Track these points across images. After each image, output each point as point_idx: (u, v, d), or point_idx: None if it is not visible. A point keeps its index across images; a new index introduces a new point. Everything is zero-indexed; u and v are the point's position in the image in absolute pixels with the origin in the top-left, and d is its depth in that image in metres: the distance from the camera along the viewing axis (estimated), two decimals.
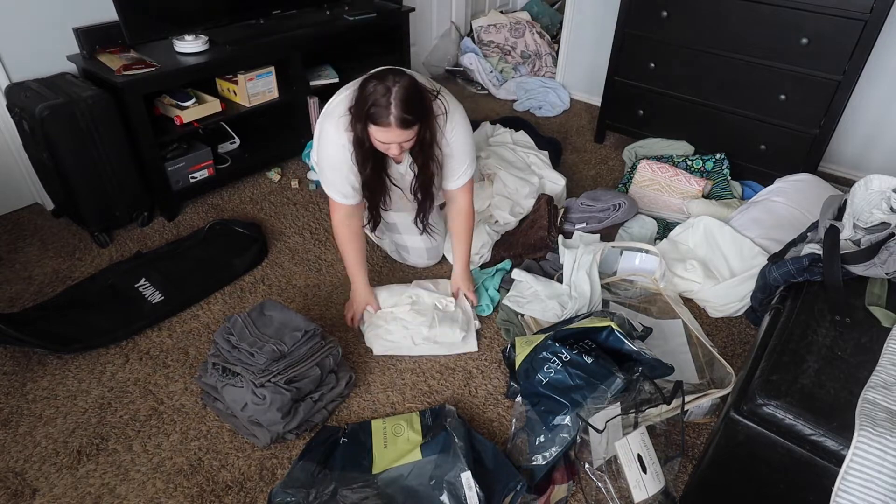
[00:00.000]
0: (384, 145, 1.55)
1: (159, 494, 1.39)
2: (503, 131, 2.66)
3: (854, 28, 2.07)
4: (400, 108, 1.45)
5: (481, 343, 1.82)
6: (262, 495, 1.39)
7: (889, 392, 1.01)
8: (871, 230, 1.34)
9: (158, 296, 1.88)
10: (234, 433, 1.52)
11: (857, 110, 2.61)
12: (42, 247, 2.13)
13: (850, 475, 0.94)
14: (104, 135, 1.98)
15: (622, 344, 1.50)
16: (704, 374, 1.66)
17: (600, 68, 2.91)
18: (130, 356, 1.73)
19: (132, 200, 2.16)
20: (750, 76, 2.37)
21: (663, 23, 2.46)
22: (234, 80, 2.35)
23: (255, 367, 1.45)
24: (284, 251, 2.17)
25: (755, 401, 1.04)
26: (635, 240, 2.10)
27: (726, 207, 2.25)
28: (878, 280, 1.28)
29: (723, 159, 2.53)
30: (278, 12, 2.53)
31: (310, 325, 1.56)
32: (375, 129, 1.50)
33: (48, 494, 1.38)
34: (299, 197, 2.47)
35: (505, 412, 1.61)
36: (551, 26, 3.97)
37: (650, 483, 1.32)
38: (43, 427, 1.53)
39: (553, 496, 1.38)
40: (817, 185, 2.17)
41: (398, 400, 1.63)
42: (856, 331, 1.16)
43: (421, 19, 3.40)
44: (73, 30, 2.12)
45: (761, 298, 1.60)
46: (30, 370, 1.67)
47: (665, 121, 2.69)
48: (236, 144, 2.60)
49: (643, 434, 1.37)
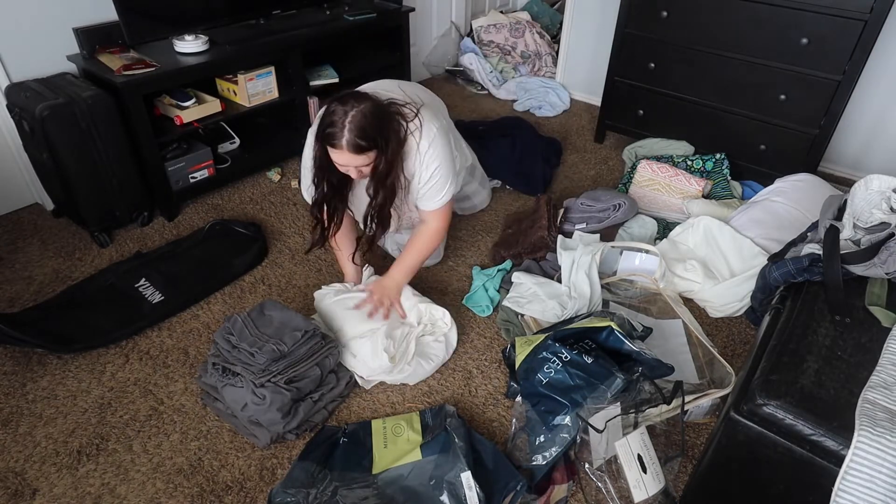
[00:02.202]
0: (342, 167, 1.55)
1: (159, 494, 1.39)
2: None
3: (854, 28, 2.07)
4: (353, 133, 1.45)
5: (481, 343, 1.82)
6: (262, 495, 1.39)
7: (889, 392, 1.01)
8: (871, 230, 1.34)
9: (158, 296, 1.88)
10: (234, 433, 1.52)
11: (857, 110, 2.61)
12: (42, 247, 2.13)
13: (850, 475, 0.94)
14: (104, 135, 1.98)
15: (622, 344, 1.50)
16: (704, 374, 1.66)
17: (600, 68, 2.91)
18: (130, 356, 1.73)
19: (132, 200, 2.16)
20: (750, 76, 2.37)
21: (663, 23, 2.46)
22: (234, 80, 2.35)
23: (255, 367, 1.46)
24: (284, 251, 2.17)
25: (755, 401, 1.04)
26: (635, 240, 2.10)
27: (726, 207, 2.25)
28: (878, 280, 1.28)
29: (723, 159, 2.53)
30: (278, 12, 2.53)
31: (310, 325, 1.56)
32: (330, 150, 1.50)
33: (48, 494, 1.38)
34: (299, 197, 2.47)
35: (505, 412, 1.61)
36: (551, 26, 3.97)
37: (650, 483, 1.32)
38: (43, 427, 1.53)
39: (553, 496, 1.38)
40: (817, 185, 2.17)
41: (398, 400, 1.63)
42: (856, 331, 1.16)
43: (421, 19, 3.40)
44: (73, 30, 2.12)
45: (761, 298, 1.60)
46: (30, 370, 1.67)
47: (665, 121, 2.69)
48: (236, 144, 2.60)
49: (643, 434, 1.37)
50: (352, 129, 1.45)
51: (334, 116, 1.46)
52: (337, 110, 1.46)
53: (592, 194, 2.26)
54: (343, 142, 1.46)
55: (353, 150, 1.47)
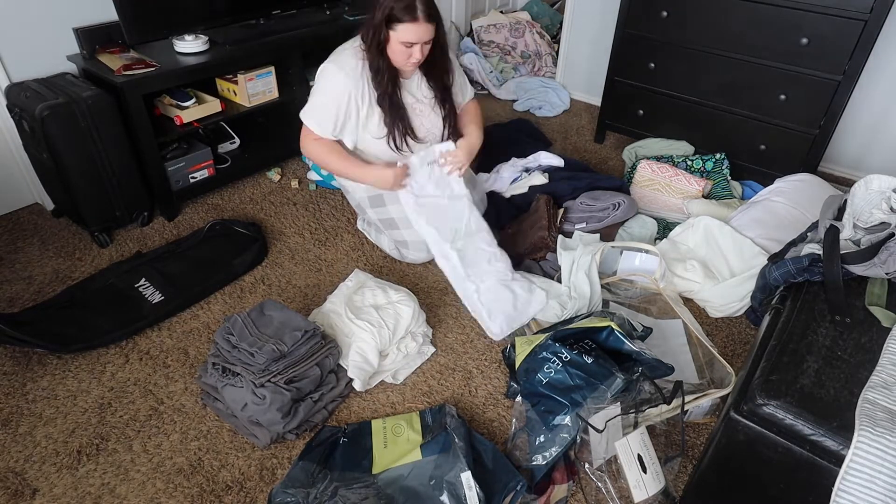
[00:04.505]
0: (407, 50, 1.63)
1: (159, 494, 1.39)
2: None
3: (854, 28, 2.07)
4: (424, 3, 1.56)
5: (481, 343, 1.82)
6: (262, 495, 1.39)
7: (889, 392, 1.01)
8: (871, 230, 1.34)
9: (158, 296, 1.88)
10: (234, 433, 1.52)
11: (857, 110, 2.61)
12: (42, 247, 2.13)
13: (850, 475, 0.94)
14: (104, 135, 1.98)
15: (622, 344, 1.50)
16: (704, 374, 1.66)
17: (600, 68, 2.91)
18: (130, 356, 1.73)
19: (132, 200, 2.16)
20: (750, 76, 2.37)
21: (663, 23, 2.46)
22: (234, 80, 2.35)
23: (255, 366, 1.46)
24: (284, 251, 2.17)
25: (755, 401, 1.04)
26: (635, 240, 2.10)
27: (726, 207, 2.25)
28: (878, 280, 1.28)
29: (723, 159, 2.53)
30: (278, 12, 2.53)
31: (310, 324, 1.56)
32: (403, 28, 1.58)
33: (48, 494, 1.38)
34: (299, 197, 2.47)
35: (505, 412, 1.61)
36: (551, 26, 3.97)
37: (650, 483, 1.32)
38: (43, 427, 1.53)
39: (553, 496, 1.38)
40: (817, 185, 2.17)
41: (398, 400, 1.63)
42: (856, 331, 1.16)
43: None
44: (73, 30, 2.12)
45: (761, 298, 1.60)
46: (30, 370, 1.67)
47: (665, 121, 2.69)
48: (236, 144, 2.60)
49: (643, 434, 1.37)
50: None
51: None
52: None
53: (592, 194, 2.26)
54: (419, 13, 1.56)
55: (428, 20, 1.57)
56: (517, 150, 2.56)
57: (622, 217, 2.15)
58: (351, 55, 1.76)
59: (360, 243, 2.22)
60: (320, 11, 2.68)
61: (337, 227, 2.30)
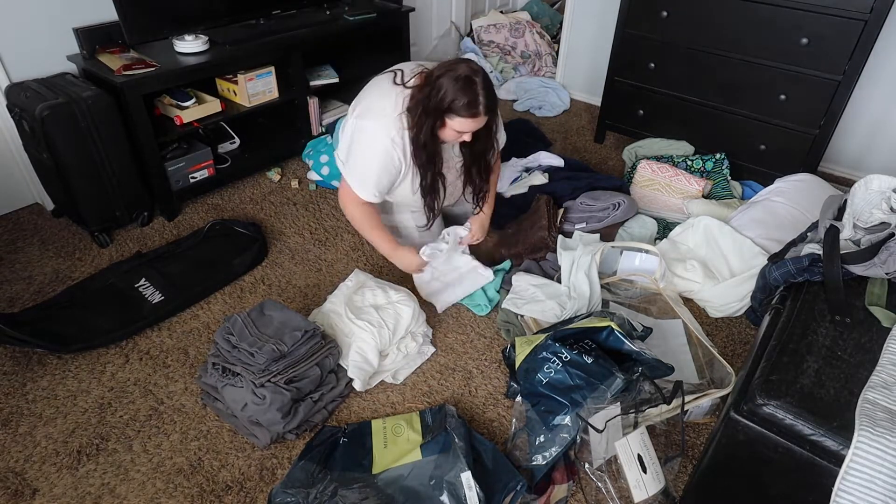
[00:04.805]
0: (459, 134, 1.58)
1: (159, 494, 1.39)
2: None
3: (854, 28, 2.07)
4: (486, 97, 1.49)
5: (481, 343, 1.82)
6: (262, 495, 1.39)
7: (889, 392, 1.01)
8: (871, 230, 1.34)
9: (158, 296, 1.88)
10: (234, 433, 1.52)
11: (857, 110, 2.61)
12: (42, 247, 2.13)
13: (850, 475, 0.94)
14: (104, 135, 1.98)
15: (622, 344, 1.50)
16: (704, 374, 1.66)
17: (600, 68, 2.91)
18: (130, 356, 1.73)
19: (132, 200, 2.16)
20: (750, 76, 2.37)
21: (663, 23, 2.46)
22: (234, 80, 2.35)
23: (255, 367, 1.46)
24: (284, 251, 2.17)
25: (755, 401, 1.04)
26: (635, 240, 2.10)
27: (726, 207, 2.25)
28: (878, 280, 1.27)
29: (723, 159, 2.53)
30: (278, 12, 2.53)
31: (310, 324, 1.56)
32: (461, 121, 1.53)
33: (48, 494, 1.38)
34: (299, 197, 2.48)
35: (505, 412, 1.61)
36: (551, 26, 3.97)
37: (650, 483, 1.32)
38: (43, 427, 1.53)
39: (553, 496, 1.38)
40: (817, 185, 2.17)
41: (398, 400, 1.63)
42: (856, 331, 1.16)
43: (421, 19, 3.40)
44: (73, 30, 2.12)
45: (761, 298, 1.60)
46: (30, 370, 1.67)
47: (665, 121, 2.69)
48: (236, 144, 2.60)
49: (643, 434, 1.37)
50: (487, 94, 1.49)
51: (459, 86, 1.48)
52: (459, 81, 1.48)
53: (592, 194, 2.26)
54: (481, 108, 1.50)
55: (488, 113, 1.52)
56: (517, 150, 2.56)
57: (622, 217, 2.15)
58: (394, 121, 1.63)
59: (360, 243, 2.22)
60: (320, 11, 2.68)
61: (337, 227, 2.30)
